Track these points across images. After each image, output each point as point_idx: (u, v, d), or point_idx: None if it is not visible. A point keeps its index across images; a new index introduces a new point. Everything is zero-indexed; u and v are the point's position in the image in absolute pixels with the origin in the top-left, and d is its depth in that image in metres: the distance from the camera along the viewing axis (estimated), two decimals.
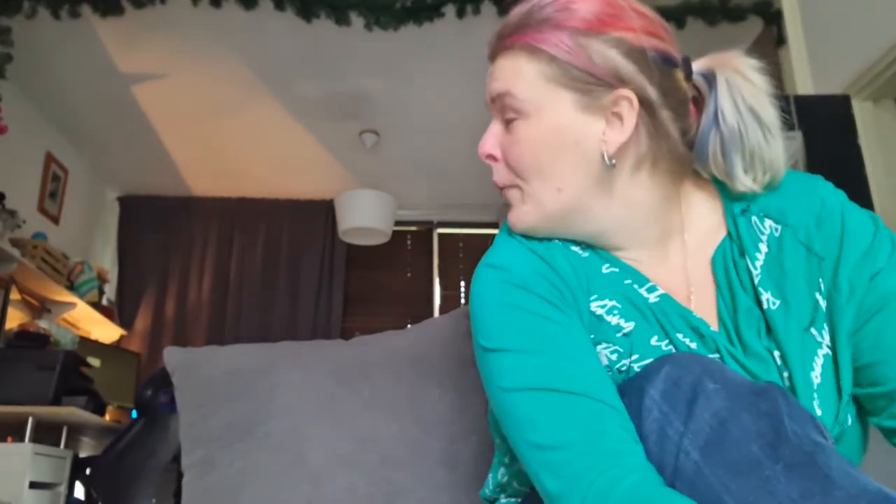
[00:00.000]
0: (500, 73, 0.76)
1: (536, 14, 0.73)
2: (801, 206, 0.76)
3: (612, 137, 0.72)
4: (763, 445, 0.57)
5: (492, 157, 0.80)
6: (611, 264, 0.77)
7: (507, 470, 0.88)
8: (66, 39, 3.03)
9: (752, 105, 0.73)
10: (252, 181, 4.37)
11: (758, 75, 0.74)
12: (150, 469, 2.27)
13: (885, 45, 2.00)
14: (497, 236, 0.82)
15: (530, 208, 0.76)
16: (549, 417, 0.66)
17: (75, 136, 3.84)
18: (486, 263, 0.78)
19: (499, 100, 0.76)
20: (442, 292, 4.62)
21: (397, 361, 1.34)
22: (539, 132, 0.73)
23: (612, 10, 0.72)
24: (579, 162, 0.73)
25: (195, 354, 1.37)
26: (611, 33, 0.71)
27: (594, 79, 0.71)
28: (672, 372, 0.64)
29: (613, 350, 0.72)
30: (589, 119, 0.72)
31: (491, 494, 0.93)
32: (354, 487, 1.17)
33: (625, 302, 0.74)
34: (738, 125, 0.73)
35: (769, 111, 0.73)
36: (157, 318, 4.29)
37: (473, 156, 3.41)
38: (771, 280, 0.74)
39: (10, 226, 3.01)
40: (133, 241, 4.43)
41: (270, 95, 3.48)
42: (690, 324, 0.73)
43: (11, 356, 2.71)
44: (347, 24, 2.80)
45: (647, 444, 0.62)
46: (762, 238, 0.76)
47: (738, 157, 0.74)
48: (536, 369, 0.68)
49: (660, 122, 0.72)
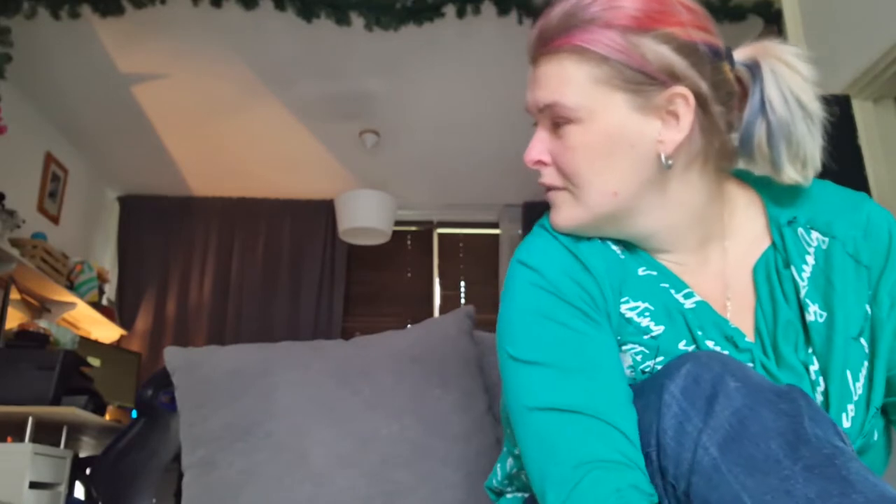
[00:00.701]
0: (546, 81, 0.73)
1: (581, 13, 0.70)
2: (849, 220, 0.75)
3: (669, 137, 0.70)
4: (782, 444, 0.57)
5: (541, 162, 0.77)
6: (648, 266, 0.76)
7: (516, 461, 0.88)
8: (66, 39, 3.03)
9: (799, 95, 0.71)
10: (252, 181, 4.37)
11: (803, 64, 0.72)
12: (150, 469, 2.27)
13: (885, 45, 2.00)
14: (534, 231, 0.79)
15: (581, 212, 0.74)
16: (557, 438, 0.65)
17: (75, 136, 3.83)
18: (520, 261, 0.76)
19: (546, 110, 0.73)
20: (442, 292, 4.62)
21: (398, 361, 1.34)
22: (592, 137, 0.71)
23: (659, 5, 0.69)
24: (635, 165, 0.71)
25: (195, 354, 1.37)
26: (661, 29, 0.68)
27: (648, 78, 0.68)
28: (693, 369, 0.63)
29: (639, 351, 0.71)
30: (644, 120, 0.70)
31: (498, 486, 0.92)
32: (355, 487, 1.17)
33: (658, 305, 0.73)
34: (786, 115, 0.71)
35: (814, 102, 0.72)
36: (157, 318, 4.29)
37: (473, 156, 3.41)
38: (818, 292, 0.73)
39: (10, 226, 3.01)
40: (133, 241, 4.42)
41: (270, 95, 3.48)
42: (725, 333, 0.72)
43: (11, 356, 2.70)
44: (348, 24, 2.80)
45: (665, 439, 0.62)
46: (809, 250, 0.74)
47: (784, 148, 0.72)
48: (560, 388, 0.67)
49: (712, 117, 0.71)
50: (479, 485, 1.18)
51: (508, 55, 3.12)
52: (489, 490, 0.95)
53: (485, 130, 3.77)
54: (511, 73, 3.25)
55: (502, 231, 4.58)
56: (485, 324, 1.50)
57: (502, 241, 4.57)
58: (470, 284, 4.64)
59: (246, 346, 1.41)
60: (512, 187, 4.33)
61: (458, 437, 1.25)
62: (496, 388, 1.38)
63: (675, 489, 0.61)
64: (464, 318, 1.46)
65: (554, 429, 0.66)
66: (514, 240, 4.53)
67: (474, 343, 1.43)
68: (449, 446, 1.24)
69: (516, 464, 0.88)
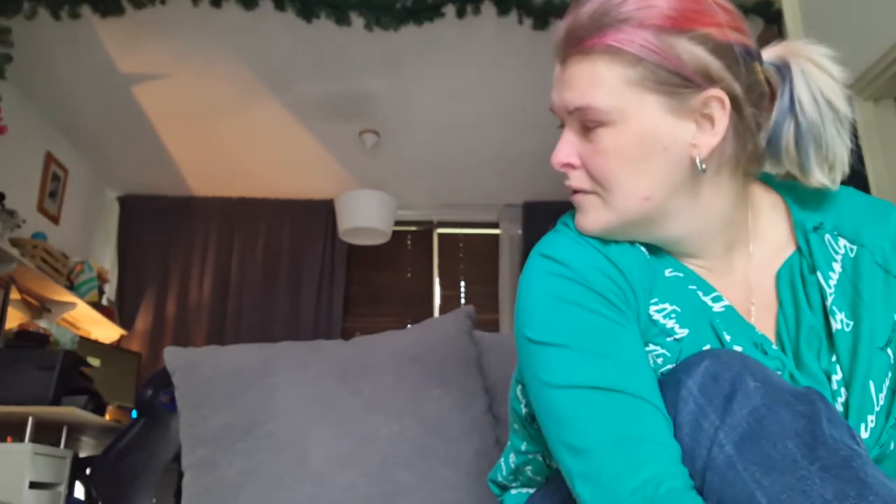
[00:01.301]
0: (577, 83, 0.70)
1: (614, 12, 0.68)
2: (877, 229, 0.74)
3: (704, 141, 0.68)
4: (799, 444, 0.56)
5: (569, 165, 0.74)
6: (674, 269, 0.74)
7: (519, 456, 0.88)
8: (66, 39, 3.03)
9: (830, 96, 0.70)
10: (252, 181, 4.37)
11: (833, 65, 0.71)
12: (150, 469, 2.27)
13: (885, 45, 2.00)
14: (557, 229, 0.77)
15: (611, 216, 0.72)
16: (588, 417, 0.64)
17: (75, 136, 3.83)
18: (540, 253, 0.74)
19: (576, 112, 0.71)
20: (442, 292, 4.62)
21: (398, 361, 1.34)
22: (624, 140, 0.69)
23: (695, 4, 0.67)
24: (668, 169, 0.69)
25: (195, 354, 1.37)
26: (697, 30, 0.66)
27: (683, 80, 0.66)
28: (712, 366, 0.63)
29: (660, 354, 0.70)
30: (678, 123, 0.68)
31: (503, 480, 0.92)
32: (355, 487, 1.17)
33: (685, 307, 0.72)
34: (816, 116, 0.70)
35: (844, 103, 0.71)
36: (157, 318, 4.29)
37: (473, 156, 3.41)
38: (845, 300, 0.72)
39: (10, 225, 3.01)
40: (133, 241, 4.42)
41: (270, 95, 3.48)
42: (753, 339, 0.71)
43: (11, 356, 2.70)
44: (348, 24, 2.80)
45: (681, 435, 0.62)
46: (836, 258, 0.73)
47: (814, 150, 0.71)
48: (582, 367, 0.66)
49: (745, 120, 0.69)
50: (478, 485, 1.18)
51: (508, 55, 3.13)
52: (493, 483, 0.95)
53: (485, 130, 3.77)
54: (511, 73, 3.26)
55: (502, 231, 4.58)
56: (485, 324, 1.50)
57: (502, 241, 4.57)
58: (470, 284, 4.64)
59: (246, 346, 1.41)
60: (512, 187, 4.33)
61: (457, 437, 1.25)
62: (496, 388, 1.38)
63: None
64: (464, 318, 1.46)
65: (579, 406, 0.65)
66: (514, 240, 4.53)
67: (474, 343, 1.43)
68: (449, 446, 1.24)
69: (520, 458, 0.88)
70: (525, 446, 0.87)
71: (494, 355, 1.43)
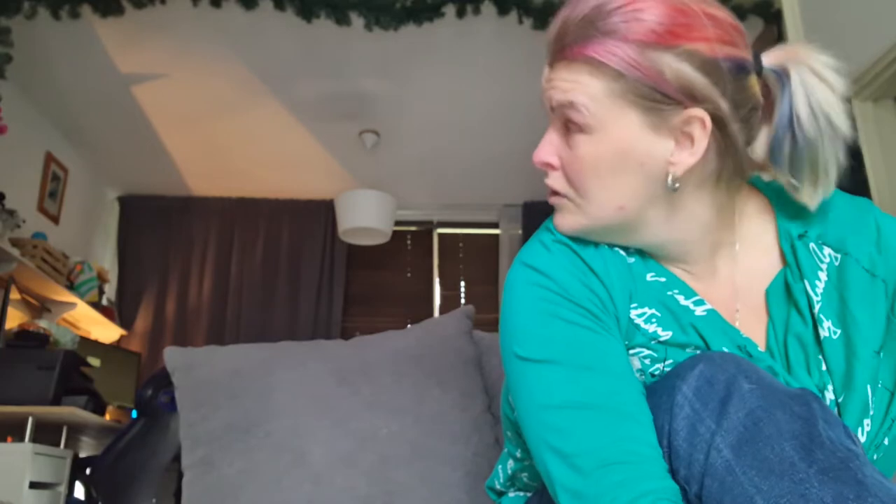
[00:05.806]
0: (561, 84, 0.70)
1: (600, 22, 0.67)
2: (861, 235, 0.74)
3: (681, 160, 0.67)
4: (797, 447, 0.56)
5: (549, 165, 0.73)
6: (656, 273, 0.74)
7: (516, 463, 0.88)
8: (66, 39, 3.03)
9: (830, 114, 0.68)
10: (252, 181, 4.37)
11: (835, 76, 0.68)
12: (150, 469, 2.27)
13: (885, 45, 2.00)
14: (538, 234, 0.77)
15: (585, 221, 0.72)
16: (575, 434, 0.64)
17: (75, 136, 3.83)
18: (524, 262, 0.74)
19: (559, 109, 0.70)
20: (442, 292, 4.62)
21: (397, 361, 1.34)
22: (601, 150, 0.68)
23: (684, 18, 0.66)
24: (644, 182, 0.69)
25: (195, 354, 1.37)
26: (684, 45, 0.65)
27: (664, 97, 0.65)
28: (706, 370, 0.63)
29: (647, 355, 0.70)
30: (657, 139, 0.67)
31: (500, 487, 0.92)
32: (354, 487, 1.17)
33: (665, 312, 0.72)
34: (814, 133, 0.68)
35: (844, 121, 0.68)
36: (157, 318, 4.29)
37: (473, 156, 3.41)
38: (831, 309, 0.71)
39: (10, 225, 3.01)
40: (133, 241, 4.42)
41: (270, 95, 3.48)
42: (737, 342, 0.70)
43: (11, 356, 2.70)
44: (347, 24, 2.80)
45: (677, 441, 0.62)
46: (822, 266, 0.73)
47: (808, 170, 0.70)
48: (569, 384, 0.66)
49: (729, 136, 0.68)
50: (478, 484, 1.19)
51: (508, 55, 3.13)
52: (490, 490, 0.95)
53: (484, 130, 3.77)
54: (511, 73, 3.25)
55: (502, 231, 4.58)
56: (484, 324, 1.50)
57: (502, 241, 4.57)
58: (470, 284, 4.64)
59: (245, 346, 1.41)
60: (512, 187, 4.33)
61: (457, 436, 1.26)
62: (495, 388, 1.38)
63: (687, 491, 0.61)
64: (463, 318, 1.46)
65: (571, 425, 0.65)
66: (514, 240, 4.53)
67: (473, 343, 1.43)
68: (448, 446, 1.24)
69: (517, 465, 0.88)
70: (520, 453, 0.87)
71: (494, 355, 1.43)
